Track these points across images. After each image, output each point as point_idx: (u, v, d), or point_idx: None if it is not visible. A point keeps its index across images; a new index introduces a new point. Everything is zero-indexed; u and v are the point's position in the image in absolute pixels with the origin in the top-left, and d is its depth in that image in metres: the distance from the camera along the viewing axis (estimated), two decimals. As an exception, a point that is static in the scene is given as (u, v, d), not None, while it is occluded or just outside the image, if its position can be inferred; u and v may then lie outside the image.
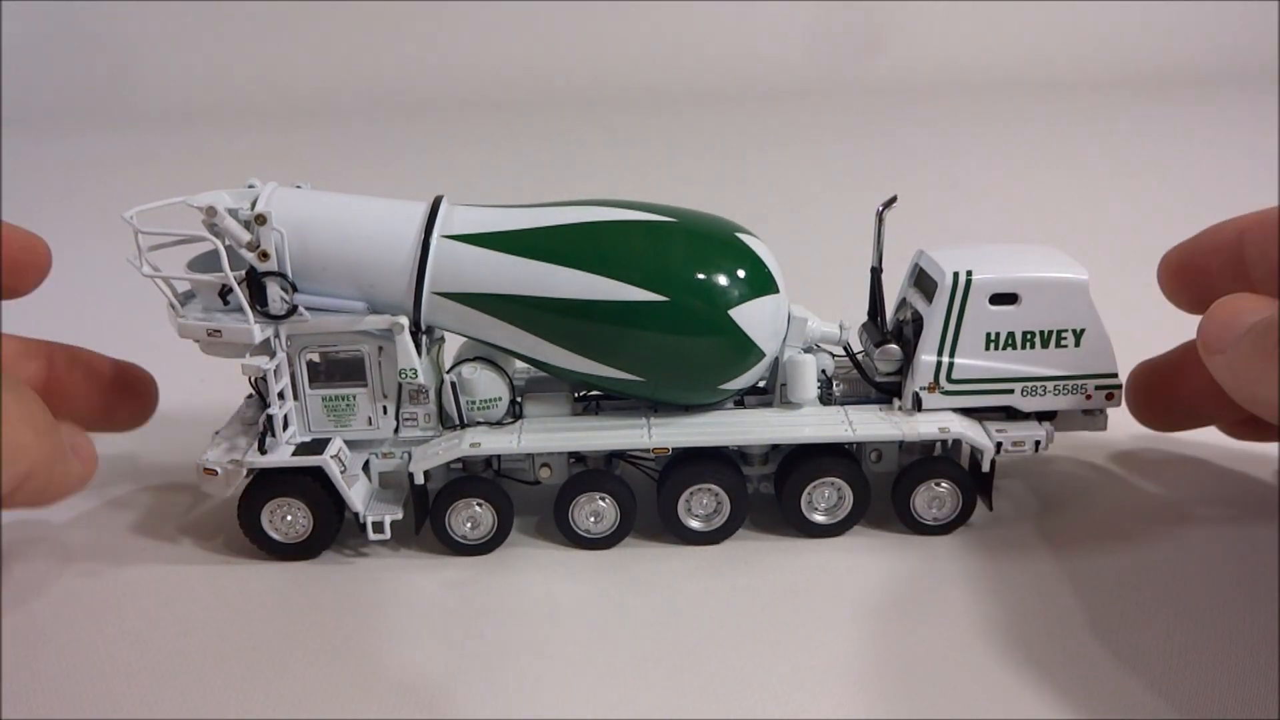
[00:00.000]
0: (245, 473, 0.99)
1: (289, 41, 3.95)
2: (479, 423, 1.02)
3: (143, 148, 3.27)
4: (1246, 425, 1.09)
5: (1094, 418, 1.05)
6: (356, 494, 1.00)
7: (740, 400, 1.07)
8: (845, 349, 1.07)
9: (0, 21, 3.87)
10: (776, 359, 1.03)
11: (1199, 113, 3.25)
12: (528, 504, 1.08)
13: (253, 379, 1.00)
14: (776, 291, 0.99)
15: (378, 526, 1.00)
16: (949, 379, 1.02)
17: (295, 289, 0.96)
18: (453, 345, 1.07)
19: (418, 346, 0.98)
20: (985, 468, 1.02)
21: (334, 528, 1.02)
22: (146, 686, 0.85)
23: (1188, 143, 2.89)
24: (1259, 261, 0.95)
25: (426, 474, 1.01)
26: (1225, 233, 1.00)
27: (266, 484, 1.00)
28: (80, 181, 2.87)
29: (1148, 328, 1.11)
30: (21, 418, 0.78)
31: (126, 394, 1.05)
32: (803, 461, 1.02)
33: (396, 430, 1.03)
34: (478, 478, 1.03)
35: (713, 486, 1.01)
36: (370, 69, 3.90)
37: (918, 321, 1.03)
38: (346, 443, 1.02)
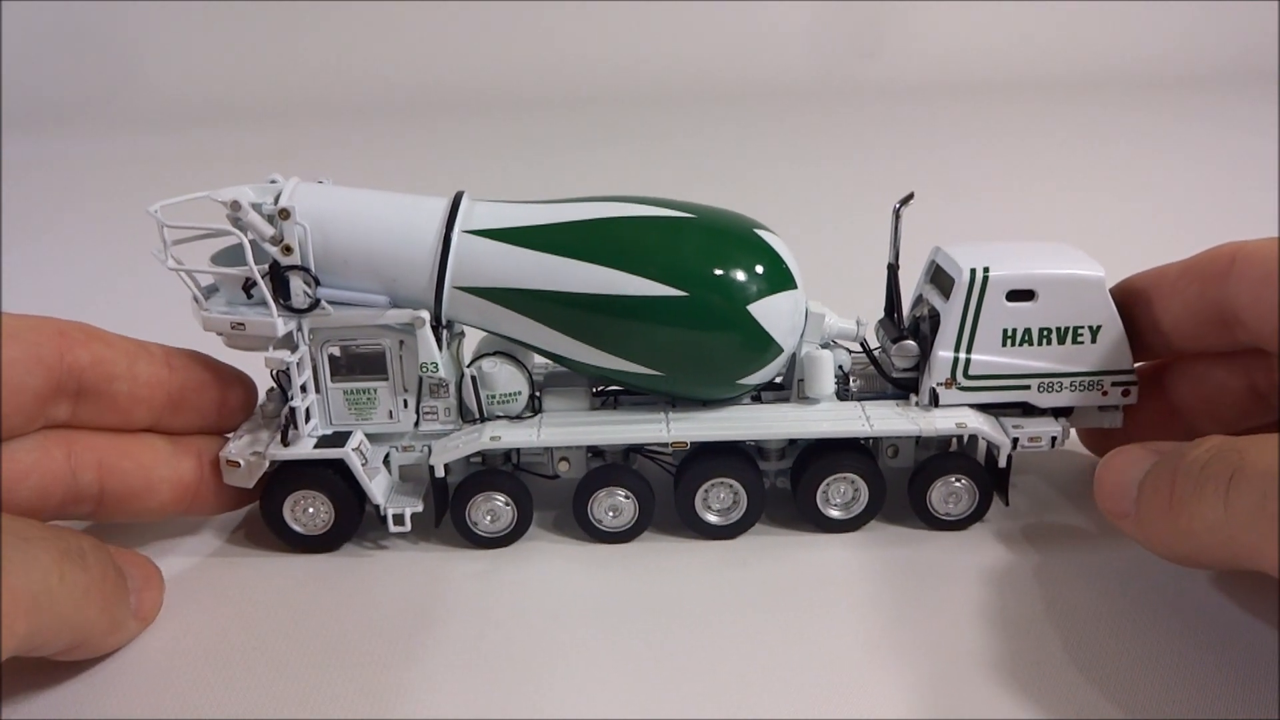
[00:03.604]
0: (268, 465, 1.00)
1: (298, 41, 3.96)
2: (498, 416, 1.03)
3: (148, 147, 3.29)
4: None
5: (1110, 414, 1.05)
6: (377, 486, 1.01)
7: (758, 395, 1.07)
8: (862, 345, 1.07)
9: (0, 21, 3.89)
10: (794, 354, 1.03)
11: (1200, 113, 3.24)
12: (547, 498, 1.09)
13: (275, 372, 1.01)
14: (794, 287, 0.99)
15: (398, 519, 1.01)
16: (966, 375, 1.02)
17: (318, 283, 0.97)
18: (473, 339, 1.08)
19: (438, 340, 0.99)
20: (1002, 463, 1.02)
21: (355, 520, 1.03)
22: (148, 686, 0.86)
23: (1190, 142, 2.89)
24: (1251, 306, 0.91)
25: (446, 467, 1.02)
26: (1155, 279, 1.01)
27: (289, 476, 1.01)
28: (83, 182, 2.88)
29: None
30: (90, 596, 0.81)
31: (240, 387, 1.05)
32: (819, 457, 1.03)
33: (417, 424, 1.04)
34: (497, 471, 1.04)
35: (730, 481, 1.02)
36: (383, 68, 3.92)
37: (934, 318, 1.04)
38: (367, 436, 1.03)
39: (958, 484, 1.03)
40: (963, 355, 1.02)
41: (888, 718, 0.79)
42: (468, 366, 1.03)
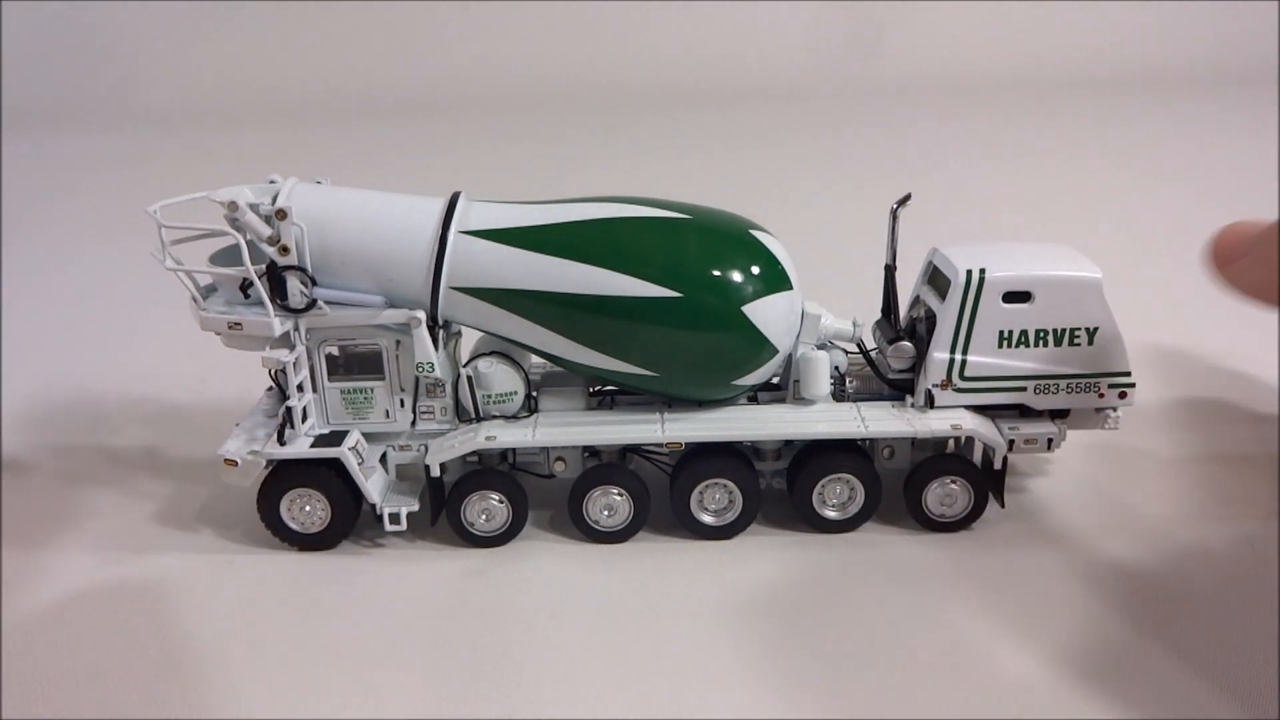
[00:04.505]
0: (265, 463, 1.00)
1: (297, 41, 3.96)
2: (495, 416, 1.03)
3: (148, 147, 3.28)
4: None
5: (1106, 416, 1.05)
6: (374, 486, 1.01)
7: (754, 396, 1.07)
8: (859, 346, 1.07)
9: (0, 21, 3.89)
10: (790, 355, 1.03)
11: (1200, 113, 3.24)
12: (542, 497, 1.09)
13: (272, 371, 1.01)
14: (790, 288, 0.99)
15: (394, 518, 1.02)
16: (962, 376, 1.02)
17: (314, 283, 0.97)
18: (469, 339, 1.08)
19: (435, 340, 0.99)
20: (997, 465, 1.02)
21: (351, 519, 1.03)
22: (148, 685, 0.85)
23: (1190, 142, 2.88)
24: None
25: (442, 466, 1.02)
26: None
27: (285, 475, 1.01)
28: (83, 182, 2.87)
29: (1159, 327, 1.11)
30: None
31: None
32: (815, 457, 1.03)
33: (413, 423, 1.04)
34: (493, 471, 1.04)
35: (725, 481, 1.02)
36: (383, 69, 3.91)
37: (931, 319, 1.04)
38: (364, 435, 1.03)
39: (953, 485, 1.03)
40: (959, 356, 1.02)
41: (884, 718, 0.79)
42: (464, 366, 1.03)
